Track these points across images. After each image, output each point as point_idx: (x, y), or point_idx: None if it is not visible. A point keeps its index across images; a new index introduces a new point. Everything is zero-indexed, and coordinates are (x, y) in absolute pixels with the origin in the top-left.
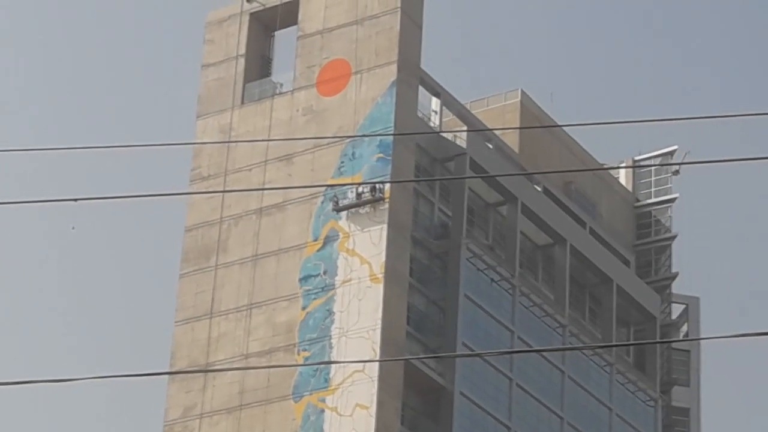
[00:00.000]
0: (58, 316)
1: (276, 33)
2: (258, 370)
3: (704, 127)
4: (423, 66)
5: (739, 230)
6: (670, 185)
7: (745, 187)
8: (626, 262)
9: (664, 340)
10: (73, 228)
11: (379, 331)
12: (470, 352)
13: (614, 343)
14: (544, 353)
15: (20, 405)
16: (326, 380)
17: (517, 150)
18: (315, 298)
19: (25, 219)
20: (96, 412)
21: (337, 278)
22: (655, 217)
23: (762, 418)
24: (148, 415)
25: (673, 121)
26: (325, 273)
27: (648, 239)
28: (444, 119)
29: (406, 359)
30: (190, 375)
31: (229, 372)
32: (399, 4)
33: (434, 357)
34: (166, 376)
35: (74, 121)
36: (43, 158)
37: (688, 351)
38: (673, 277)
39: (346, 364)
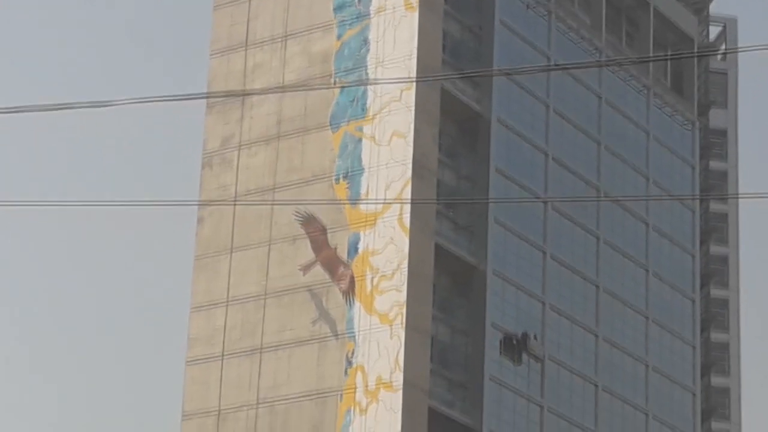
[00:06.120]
0: (95, 45)
1: None
2: (295, 100)
3: None
4: None
5: None
6: None
7: None
8: None
9: (701, 52)
10: None
11: (414, 60)
12: (505, 72)
13: (651, 57)
14: (581, 80)
15: (60, 131)
16: (363, 109)
17: None
18: (350, 28)
19: None
20: (137, 143)
21: (371, 7)
22: None
23: None
24: (187, 147)
25: None
26: (359, 2)
27: None
28: None
29: (442, 77)
30: (227, 106)
31: (266, 102)
32: None
33: (467, 75)
34: (204, 108)
35: None
36: None
37: (726, 73)
38: None
39: (383, 93)
